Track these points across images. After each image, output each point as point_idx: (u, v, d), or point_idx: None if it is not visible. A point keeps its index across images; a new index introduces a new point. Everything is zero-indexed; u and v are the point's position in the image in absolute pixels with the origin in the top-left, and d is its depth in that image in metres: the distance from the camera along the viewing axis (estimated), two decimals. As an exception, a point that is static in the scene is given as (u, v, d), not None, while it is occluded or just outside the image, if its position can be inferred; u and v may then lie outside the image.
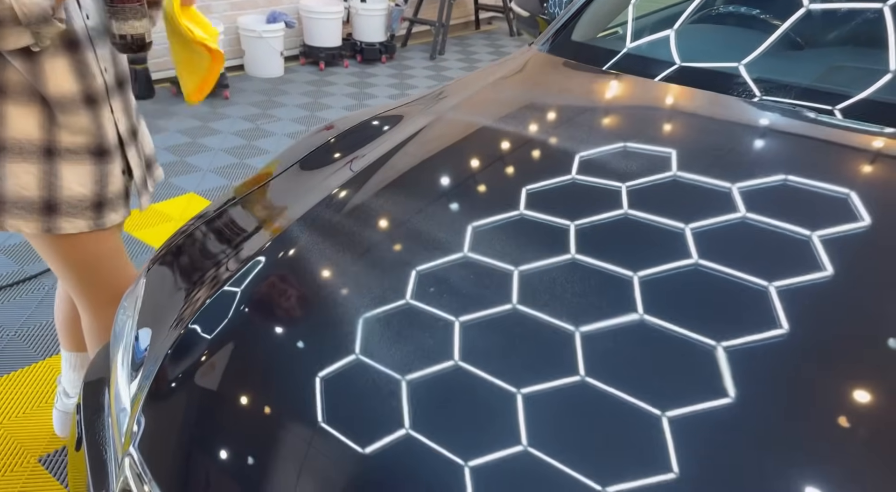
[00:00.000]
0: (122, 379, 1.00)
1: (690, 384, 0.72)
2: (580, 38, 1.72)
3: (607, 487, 0.64)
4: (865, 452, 0.65)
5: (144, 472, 0.80)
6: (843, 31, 1.55)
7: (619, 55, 1.54)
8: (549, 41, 1.73)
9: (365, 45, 5.45)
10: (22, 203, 1.25)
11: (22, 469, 1.70)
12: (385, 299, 0.89)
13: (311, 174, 1.27)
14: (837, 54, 1.52)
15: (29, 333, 2.18)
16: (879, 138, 1.15)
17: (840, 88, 1.28)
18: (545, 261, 0.92)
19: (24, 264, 2.53)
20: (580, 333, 0.80)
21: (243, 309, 0.94)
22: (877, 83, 1.25)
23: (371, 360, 0.81)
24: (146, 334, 1.01)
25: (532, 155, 1.22)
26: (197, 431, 0.82)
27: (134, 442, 0.83)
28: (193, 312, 0.97)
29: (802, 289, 0.82)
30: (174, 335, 0.95)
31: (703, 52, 1.48)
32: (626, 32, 1.68)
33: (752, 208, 0.97)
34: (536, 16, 2.04)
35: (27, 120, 1.21)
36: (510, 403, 0.73)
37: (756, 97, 1.31)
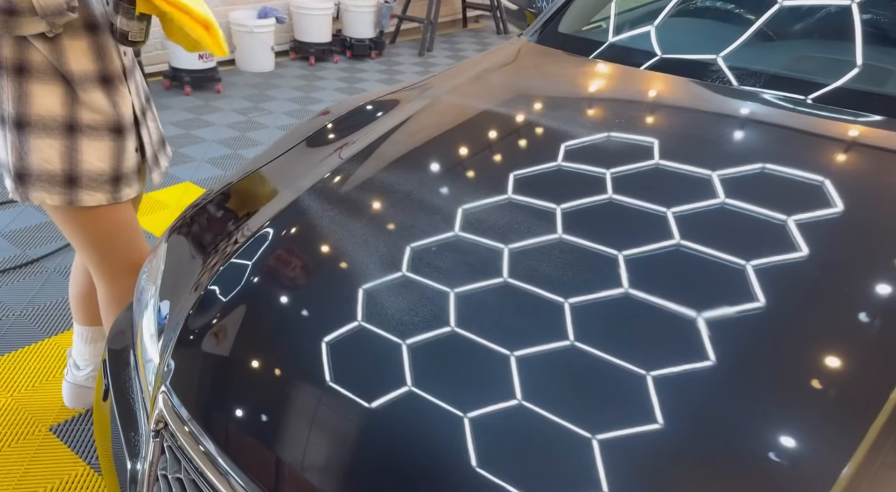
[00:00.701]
0: (147, 335, 1.09)
1: (671, 348, 0.79)
2: (567, 30, 1.82)
3: (596, 435, 0.71)
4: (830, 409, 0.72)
5: (176, 404, 0.89)
6: (816, 23, 1.65)
7: (603, 46, 1.65)
8: (538, 32, 1.84)
9: (354, 41, 5.53)
10: (46, 176, 1.33)
11: (34, 437, 1.78)
12: (387, 267, 0.99)
13: (311, 154, 1.37)
14: (810, 45, 1.61)
15: (34, 313, 2.24)
16: (850, 125, 1.24)
17: (813, 77, 1.36)
18: (532, 240, 1.01)
19: (27, 248, 2.59)
20: (569, 303, 0.87)
21: (255, 273, 1.03)
22: (848, 73, 1.34)
23: (374, 326, 0.90)
24: (168, 294, 1.10)
25: (521, 139, 1.32)
26: (220, 370, 0.91)
27: (166, 380, 0.92)
28: (211, 275, 1.06)
29: (774, 267, 0.89)
30: (195, 297, 1.04)
31: (682, 44, 1.59)
32: (609, 25, 1.79)
33: (729, 192, 1.04)
34: (525, 9, 2.15)
35: (50, 97, 1.30)
36: (504, 363, 0.80)
37: (734, 85, 1.40)
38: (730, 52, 1.48)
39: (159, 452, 0.91)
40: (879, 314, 0.82)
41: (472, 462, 0.72)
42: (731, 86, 1.40)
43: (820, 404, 0.72)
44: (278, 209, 1.16)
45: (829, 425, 0.70)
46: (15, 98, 1.29)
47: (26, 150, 1.32)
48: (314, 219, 1.13)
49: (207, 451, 0.84)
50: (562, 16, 1.87)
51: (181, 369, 0.94)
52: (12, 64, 1.27)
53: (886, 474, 0.67)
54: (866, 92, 1.30)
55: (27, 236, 2.67)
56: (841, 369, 0.76)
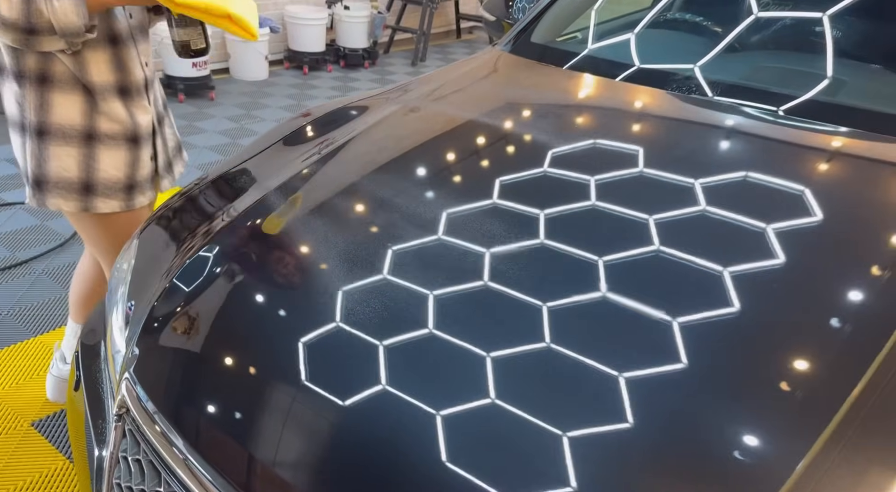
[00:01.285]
0: (116, 329, 1.14)
1: (646, 351, 0.81)
2: (540, 40, 1.88)
3: (567, 432, 0.73)
4: (793, 410, 0.74)
5: (138, 391, 0.94)
6: (787, 35, 1.68)
7: (575, 56, 1.70)
8: (511, 42, 1.90)
9: (348, 51, 5.60)
10: (63, 184, 1.40)
11: (16, 433, 1.82)
12: (352, 262, 1.04)
13: (288, 153, 1.42)
14: (782, 57, 1.65)
15: (20, 313, 2.29)
16: (820, 136, 1.27)
17: (784, 89, 1.39)
18: (506, 245, 1.07)
19: (16, 251, 2.64)
20: (547, 307, 0.88)
21: (220, 265, 1.08)
22: (818, 85, 1.37)
23: (349, 326, 0.95)
24: (137, 289, 1.15)
25: (489, 146, 1.36)
26: (180, 359, 0.96)
27: (130, 368, 0.97)
28: (177, 267, 1.11)
29: (748, 273, 0.91)
30: (160, 288, 1.09)
31: (652, 55, 1.63)
32: (582, 36, 1.85)
33: (702, 200, 1.06)
34: (503, 20, 2.21)
35: (71, 107, 1.35)
36: (480, 364, 0.82)
37: (705, 96, 1.43)
38: (702, 64, 1.52)
39: (121, 436, 0.96)
40: (845, 319, 0.85)
41: (444, 459, 0.73)
42: (702, 97, 1.43)
43: (783, 405, 0.75)
44: (247, 205, 1.21)
45: (790, 423, 0.73)
46: (36, 107, 1.34)
47: (45, 157, 1.38)
48: (281, 215, 1.18)
49: (164, 433, 0.89)
50: (535, 26, 1.93)
51: (144, 357, 0.98)
52: (35, 74, 1.31)
53: (839, 470, 0.69)
54: (836, 104, 1.33)
55: (18, 239, 2.72)
56: (806, 372, 0.79)
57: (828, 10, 1.45)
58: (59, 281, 2.48)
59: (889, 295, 0.88)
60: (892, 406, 0.75)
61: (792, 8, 1.68)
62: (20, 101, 1.35)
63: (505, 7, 2.22)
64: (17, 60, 1.31)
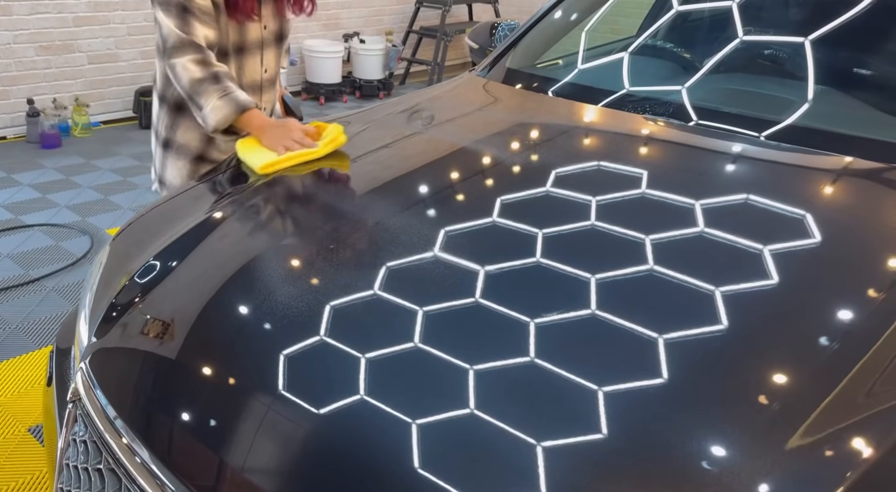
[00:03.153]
0: (83, 326, 1.22)
1: (629, 367, 0.82)
2: (516, 66, 1.96)
3: (542, 442, 0.74)
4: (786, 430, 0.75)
5: (91, 380, 1.02)
6: (765, 60, 1.72)
7: (549, 81, 1.77)
8: (488, 68, 1.98)
9: (363, 82, 5.78)
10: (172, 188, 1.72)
11: (13, 437, 1.91)
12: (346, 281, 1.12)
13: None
14: (759, 82, 1.68)
15: (28, 327, 2.41)
16: (799, 158, 1.28)
17: (762, 114, 1.41)
18: (501, 265, 1.13)
19: (30, 269, 2.78)
20: (534, 323, 0.89)
21: (176, 264, 1.16)
22: (797, 111, 1.38)
23: (331, 338, 1.01)
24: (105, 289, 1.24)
25: (456, 163, 1.41)
26: (136, 351, 1.04)
27: (85, 358, 1.05)
28: (138, 267, 1.20)
29: (734, 293, 0.92)
30: (122, 283, 1.18)
31: (623, 80, 1.67)
32: (557, 63, 1.92)
33: (683, 224, 1.06)
34: (486, 48, 2.31)
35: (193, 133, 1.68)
36: (462, 376, 0.83)
37: (680, 122, 1.45)
38: (675, 90, 1.55)
39: (72, 421, 1.03)
40: (828, 337, 0.86)
41: (419, 468, 0.74)
42: (677, 122, 1.46)
43: (764, 424, 0.76)
44: (217, 209, 1.30)
45: (760, 436, 0.75)
46: (167, 126, 1.69)
47: (165, 164, 1.71)
48: (246, 217, 1.26)
49: (112, 421, 0.96)
50: (511, 53, 2.01)
51: (100, 349, 1.07)
52: (173, 102, 1.65)
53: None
54: (816, 129, 1.34)
55: (32, 258, 2.87)
56: (788, 389, 0.80)
57: (809, 35, 1.45)
58: (67, 297, 2.60)
59: (874, 314, 0.89)
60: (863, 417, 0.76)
61: (770, 33, 1.71)
62: (158, 115, 1.71)
63: (488, 35, 2.31)
64: (163, 89, 1.65)
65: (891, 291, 0.93)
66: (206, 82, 1.48)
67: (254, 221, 1.26)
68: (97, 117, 4.58)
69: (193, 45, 1.47)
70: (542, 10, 2.09)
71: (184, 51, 1.47)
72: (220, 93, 1.48)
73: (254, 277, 1.09)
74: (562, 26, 2.03)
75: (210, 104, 1.48)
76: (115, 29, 4.50)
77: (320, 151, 1.43)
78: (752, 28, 1.66)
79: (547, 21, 2.06)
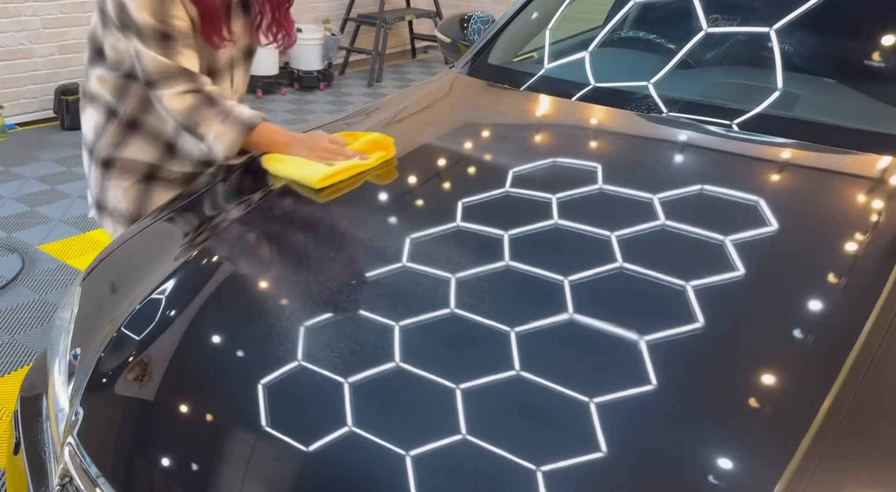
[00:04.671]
0: (59, 384, 1.05)
1: (613, 374, 0.79)
2: (497, 62, 1.86)
3: (541, 466, 0.70)
4: (765, 427, 0.74)
5: (84, 457, 0.86)
6: (737, 51, 1.71)
7: (533, 77, 1.68)
8: (469, 64, 1.87)
9: (302, 74, 5.54)
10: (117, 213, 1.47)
11: None
12: (317, 301, 0.98)
13: (237, 188, 1.35)
14: (736, 73, 1.68)
15: None
16: (772, 149, 1.28)
17: (735, 104, 1.41)
18: (477, 269, 1.02)
19: None
20: (515, 332, 0.86)
21: (171, 311, 1.00)
22: (768, 99, 1.39)
23: (311, 363, 0.88)
24: (80, 342, 1.07)
25: (449, 170, 1.33)
26: (132, 419, 0.88)
27: (73, 431, 0.89)
28: (125, 314, 1.03)
29: (712, 287, 0.91)
30: (107, 338, 1.01)
31: (607, 74, 1.63)
32: (539, 56, 1.83)
33: (661, 216, 1.06)
34: (458, 42, 2.19)
35: (145, 151, 1.44)
36: (450, 398, 0.79)
37: (661, 114, 1.43)
38: (657, 81, 1.52)
39: (64, 508, 0.87)
40: (811, 330, 0.85)
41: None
42: (658, 114, 1.43)
43: (757, 425, 0.74)
44: (198, 244, 1.14)
45: (764, 443, 0.72)
46: (113, 144, 1.42)
47: (106, 187, 1.46)
48: (233, 257, 1.11)
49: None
50: (492, 47, 1.90)
51: (90, 418, 0.90)
52: (127, 118, 1.40)
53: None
54: (787, 118, 1.35)
55: None
56: (776, 387, 0.79)
57: (775, 24, 1.47)
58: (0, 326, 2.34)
59: (850, 301, 0.89)
60: (862, 417, 0.75)
61: (741, 23, 1.70)
62: (99, 131, 1.43)
63: (460, 29, 2.19)
64: (116, 102, 1.40)
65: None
66: (201, 109, 1.29)
67: (248, 256, 1.11)
68: (12, 119, 4.19)
69: (183, 73, 1.29)
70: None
71: (172, 80, 1.28)
72: (221, 117, 1.30)
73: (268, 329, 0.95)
74: (546, 16, 1.93)
75: (213, 131, 1.30)
76: (27, 22, 4.11)
77: (374, 162, 1.31)
78: (756, 8, 1.64)
79: (529, 12, 1.96)
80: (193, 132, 1.33)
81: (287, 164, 1.31)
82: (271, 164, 1.33)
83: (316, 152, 1.30)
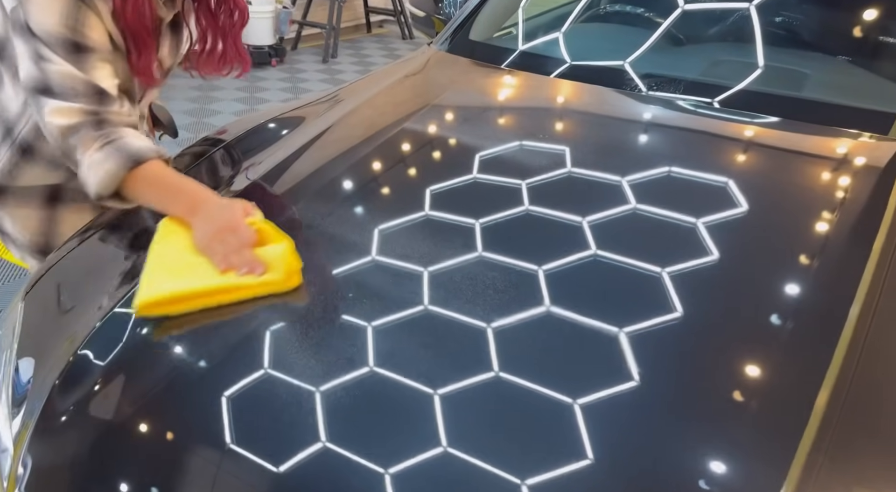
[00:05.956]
0: (1, 417, 0.89)
1: (597, 371, 0.74)
2: (478, 38, 1.73)
3: (526, 480, 0.64)
4: (753, 423, 0.70)
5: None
6: (721, 27, 1.65)
7: (515, 53, 1.56)
8: (448, 41, 1.73)
9: (253, 49, 5.25)
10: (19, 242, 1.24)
11: None
12: (292, 308, 0.85)
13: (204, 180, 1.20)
14: (716, 49, 1.61)
15: None
16: (754, 127, 1.22)
17: (718, 81, 1.35)
18: (453, 260, 0.91)
19: None
20: (492, 328, 0.80)
21: (138, 331, 0.86)
22: (750, 75, 1.33)
23: (282, 373, 0.76)
24: (28, 365, 0.91)
25: (436, 155, 1.22)
26: (92, 470, 0.74)
27: (19, 487, 0.74)
28: (82, 336, 0.88)
29: (692, 273, 0.86)
30: (61, 363, 0.86)
31: (593, 50, 1.53)
32: (520, 32, 1.71)
33: (642, 199, 0.99)
34: (432, 15, 2.04)
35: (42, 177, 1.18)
36: (428, 405, 0.71)
37: (642, 91, 1.35)
38: (638, 58, 1.44)
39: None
40: (793, 317, 0.82)
41: None
42: (641, 92, 1.36)
43: (748, 418, 0.71)
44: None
45: (760, 440, 0.68)
46: (5, 172, 1.15)
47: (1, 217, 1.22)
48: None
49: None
50: (472, 23, 1.77)
51: (39, 469, 0.76)
52: (20, 141, 1.14)
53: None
54: (769, 94, 1.30)
55: None
56: (764, 377, 0.75)
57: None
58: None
59: (835, 285, 0.85)
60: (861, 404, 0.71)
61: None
62: None
63: (434, 2, 2.05)
64: (12, 122, 1.13)
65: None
66: (82, 130, 0.97)
67: None
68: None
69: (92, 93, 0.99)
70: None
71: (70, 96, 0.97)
72: (101, 142, 0.97)
73: (249, 343, 0.81)
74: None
75: (87, 159, 0.97)
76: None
77: (278, 284, 0.87)
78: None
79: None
80: (69, 159, 1.02)
81: (163, 242, 0.94)
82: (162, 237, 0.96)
83: (217, 249, 0.90)
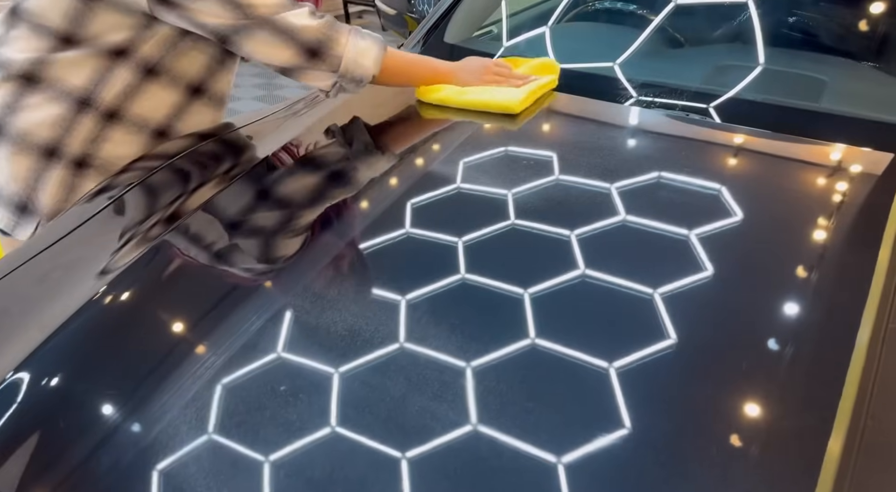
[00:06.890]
0: None
1: (583, 409, 0.68)
2: (454, 40, 1.61)
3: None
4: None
5: None
6: (714, 29, 1.56)
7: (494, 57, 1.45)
8: (421, 42, 1.61)
9: (226, 43, 5.09)
10: None
11: None
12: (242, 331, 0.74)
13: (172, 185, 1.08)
14: (708, 53, 1.53)
15: None
16: (745, 135, 1.16)
17: (710, 88, 1.29)
18: (429, 281, 0.81)
19: None
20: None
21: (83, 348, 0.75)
22: (744, 81, 1.28)
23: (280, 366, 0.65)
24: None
25: (412, 166, 1.11)
26: None
27: None
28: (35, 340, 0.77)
29: (686, 292, 0.80)
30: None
31: (578, 52, 1.43)
32: (500, 31, 1.59)
33: (631, 211, 0.94)
34: (404, 14, 1.92)
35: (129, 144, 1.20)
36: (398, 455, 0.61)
37: (630, 99, 1.29)
38: (624, 61, 1.38)
39: None
40: (791, 332, 0.76)
41: None
42: (627, 96, 1.30)
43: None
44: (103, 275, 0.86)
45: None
46: (90, 139, 1.18)
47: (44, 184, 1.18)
48: (157, 276, 0.86)
49: None
50: (447, 22, 1.65)
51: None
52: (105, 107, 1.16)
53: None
54: (758, 102, 1.25)
55: None
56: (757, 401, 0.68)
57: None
58: None
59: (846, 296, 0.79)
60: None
61: None
62: (64, 126, 1.14)
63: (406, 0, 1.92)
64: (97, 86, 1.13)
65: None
66: (335, 25, 1.12)
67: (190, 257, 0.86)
68: None
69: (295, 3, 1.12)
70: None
71: (286, 7, 1.09)
72: (356, 33, 1.15)
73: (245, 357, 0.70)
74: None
75: (354, 48, 1.13)
76: None
77: (551, 83, 1.29)
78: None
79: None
80: (320, 53, 1.11)
81: (471, 92, 1.23)
82: (428, 94, 1.24)
83: (486, 78, 1.24)
